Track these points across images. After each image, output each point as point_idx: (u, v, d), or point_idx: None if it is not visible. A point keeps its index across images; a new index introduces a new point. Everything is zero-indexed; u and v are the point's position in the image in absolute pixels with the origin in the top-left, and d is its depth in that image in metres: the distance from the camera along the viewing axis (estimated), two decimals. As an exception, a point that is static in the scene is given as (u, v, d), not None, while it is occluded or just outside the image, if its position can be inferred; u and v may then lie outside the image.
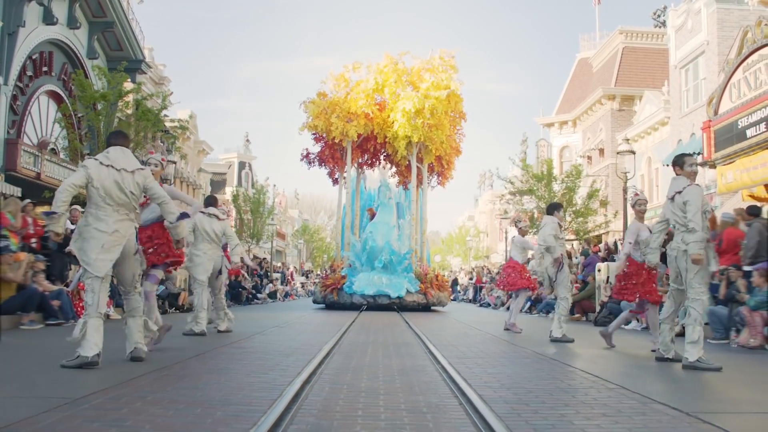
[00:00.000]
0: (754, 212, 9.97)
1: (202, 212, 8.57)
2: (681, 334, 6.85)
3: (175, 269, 8.93)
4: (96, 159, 5.20)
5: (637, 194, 8.18)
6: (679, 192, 5.81)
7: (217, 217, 8.65)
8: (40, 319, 9.37)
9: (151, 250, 6.45)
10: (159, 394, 3.94)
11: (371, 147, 19.84)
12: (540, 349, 7.30)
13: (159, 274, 6.81)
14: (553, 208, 9.21)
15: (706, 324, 9.53)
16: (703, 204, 5.74)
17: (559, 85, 68.31)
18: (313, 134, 19.48)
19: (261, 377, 4.70)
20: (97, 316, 4.97)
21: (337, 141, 18.79)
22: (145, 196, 5.60)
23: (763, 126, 12.22)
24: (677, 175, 5.98)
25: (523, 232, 11.08)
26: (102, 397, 3.80)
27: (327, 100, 19.11)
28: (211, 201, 9.01)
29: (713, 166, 14.32)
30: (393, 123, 18.21)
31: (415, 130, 17.88)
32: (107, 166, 5.12)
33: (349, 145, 19.12)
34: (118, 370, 4.88)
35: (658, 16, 33.38)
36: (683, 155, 6.09)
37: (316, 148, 20.13)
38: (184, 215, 5.62)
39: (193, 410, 3.49)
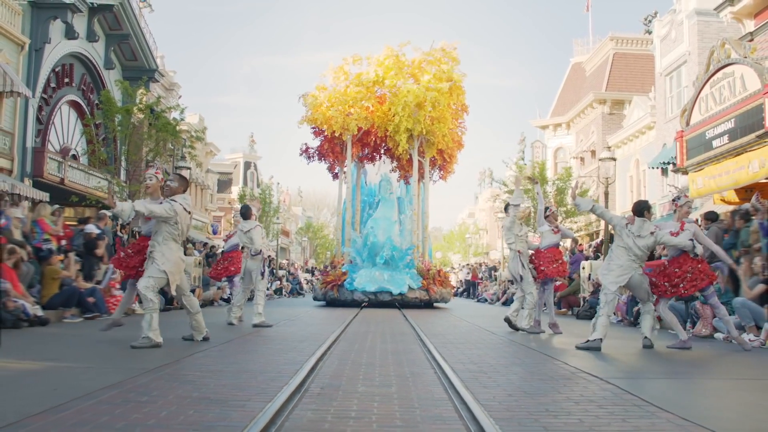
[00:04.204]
0: (711, 217, 11.14)
1: None
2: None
3: None
4: (181, 204, 6.62)
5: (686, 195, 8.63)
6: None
7: None
8: (78, 314, 10.67)
9: None
10: (210, 367, 5.26)
11: (371, 141, 19.13)
12: (516, 338, 8.58)
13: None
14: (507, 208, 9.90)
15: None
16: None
17: (556, 87, 69.30)
18: (313, 128, 19.09)
19: (283, 356, 6.01)
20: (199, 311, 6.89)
21: (336, 135, 18.37)
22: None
23: (726, 138, 13.45)
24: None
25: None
26: (170, 368, 5.12)
27: (326, 93, 18.58)
28: (245, 213, 10.34)
29: (685, 172, 15.58)
30: (394, 116, 17.72)
31: (417, 123, 17.57)
32: (189, 212, 6.68)
33: (349, 138, 18.67)
34: (167, 351, 6.18)
35: (649, 21, 34.42)
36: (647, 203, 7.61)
37: (315, 143, 19.65)
38: None
39: (239, 376, 4.79)
